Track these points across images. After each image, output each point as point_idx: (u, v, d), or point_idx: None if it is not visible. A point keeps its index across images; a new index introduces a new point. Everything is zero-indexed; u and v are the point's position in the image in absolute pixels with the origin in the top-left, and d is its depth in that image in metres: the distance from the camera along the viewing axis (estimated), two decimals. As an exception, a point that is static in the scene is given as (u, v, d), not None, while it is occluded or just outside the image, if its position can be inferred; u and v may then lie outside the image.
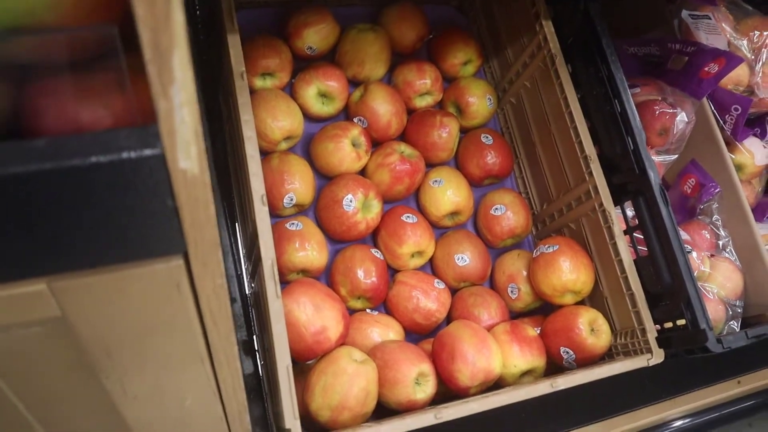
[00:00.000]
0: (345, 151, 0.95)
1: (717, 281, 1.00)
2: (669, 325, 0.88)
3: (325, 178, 1.00)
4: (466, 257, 0.98)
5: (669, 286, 0.85)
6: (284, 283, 0.88)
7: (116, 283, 0.43)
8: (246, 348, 0.95)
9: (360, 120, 1.02)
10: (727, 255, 1.02)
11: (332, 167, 0.97)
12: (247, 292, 0.97)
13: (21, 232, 0.37)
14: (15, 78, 0.38)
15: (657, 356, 0.84)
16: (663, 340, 0.85)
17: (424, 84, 1.06)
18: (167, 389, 0.59)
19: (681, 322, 0.86)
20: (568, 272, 0.91)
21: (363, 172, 1.01)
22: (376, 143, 1.03)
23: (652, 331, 0.86)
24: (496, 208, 1.02)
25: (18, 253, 0.39)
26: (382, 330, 0.90)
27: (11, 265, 0.39)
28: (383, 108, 1.01)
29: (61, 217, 0.37)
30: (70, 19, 0.34)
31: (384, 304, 0.97)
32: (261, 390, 0.93)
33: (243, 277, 0.97)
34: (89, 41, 0.36)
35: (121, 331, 0.48)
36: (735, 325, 1.00)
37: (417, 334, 0.96)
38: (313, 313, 0.78)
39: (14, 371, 0.52)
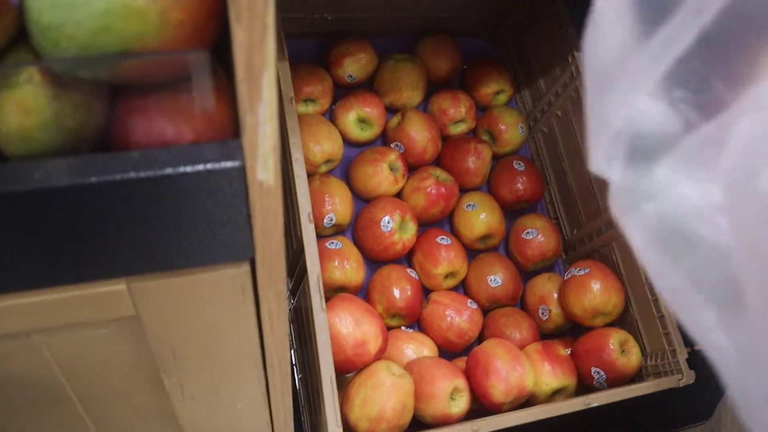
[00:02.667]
0: (383, 174, 1.00)
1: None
2: (701, 348, 0.89)
3: (363, 200, 1.04)
4: (498, 279, 1.01)
5: (699, 310, 0.87)
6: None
7: (189, 285, 0.47)
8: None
9: (397, 145, 1.06)
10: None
11: (370, 190, 1.01)
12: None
13: (109, 234, 0.41)
14: (111, 95, 0.42)
15: (687, 377, 0.86)
16: (695, 361, 0.87)
17: (458, 112, 1.10)
18: (222, 391, 0.62)
19: (711, 344, 0.87)
20: (599, 294, 0.94)
21: (399, 194, 1.05)
22: (413, 168, 1.07)
23: (682, 352, 0.88)
24: (528, 232, 1.05)
25: (104, 255, 0.42)
26: (417, 347, 0.93)
27: (97, 265, 0.43)
28: (420, 134, 1.05)
29: (147, 222, 0.41)
30: (171, 43, 0.38)
31: (418, 323, 1.00)
32: (297, 404, 0.96)
33: (282, 294, 1.01)
34: (182, 63, 0.40)
35: (188, 332, 0.52)
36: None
37: (450, 352, 0.99)
38: (354, 327, 0.82)
39: (79, 370, 0.55)
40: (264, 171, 0.40)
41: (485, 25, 1.23)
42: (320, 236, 0.99)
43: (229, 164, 0.39)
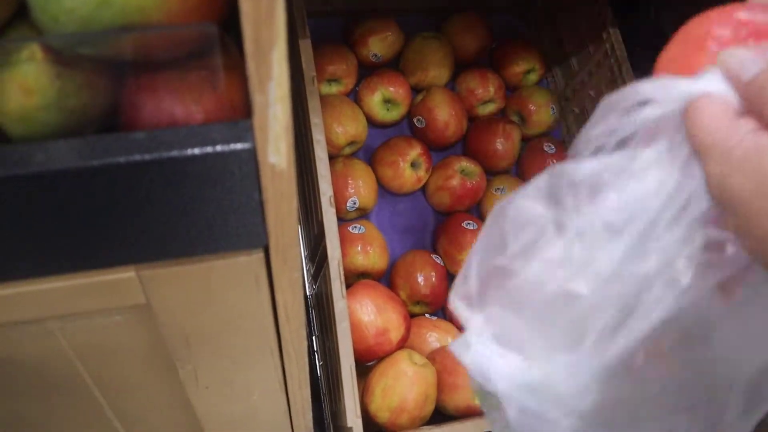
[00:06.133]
0: (405, 176, 0.98)
1: None
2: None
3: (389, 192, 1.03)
4: (526, 266, 0.98)
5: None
6: (346, 285, 0.89)
7: (200, 273, 0.45)
8: (305, 348, 0.97)
9: (419, 120, 1.03)
10: None
11: (395, 189, 1.01)
12: (307, 293, 0.98)
13: (115, 220, 0.39)
14: (116, 74, 0.40)
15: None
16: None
17: (486, 92, 1.07)
18: (237, 380, 0.60)
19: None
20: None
21: (424, 190, 1.03)
22: (435, 147, 1.04)
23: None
24: (558, 217, 1.01)
25: (111, 241, 0.41)
26: (441, 335, 0.91)
27: (104, 252, 0.41)
28: (442, 110, 1.02)
29: (154, 206, 0.39)
30: (176, 17, 0.36)
31: (443, 310, 0.98)
32: (318, 391, 0.95)
33: (304, 279, 0.99)
34: (189, 39, 0.38)
35: (201, 321, 0.50)
36: None
37: (475, 340, 0.96)
38: (376, 315, 0.79)
39: (95, 358, 0.54)
40: (276, 154, 0.38)
41: (516, 1, 1.19)
42: (343, 220, 0.97)
43: (238, 146, 0.37)
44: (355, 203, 0.94)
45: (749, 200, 0.31)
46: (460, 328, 0.94)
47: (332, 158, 0.97)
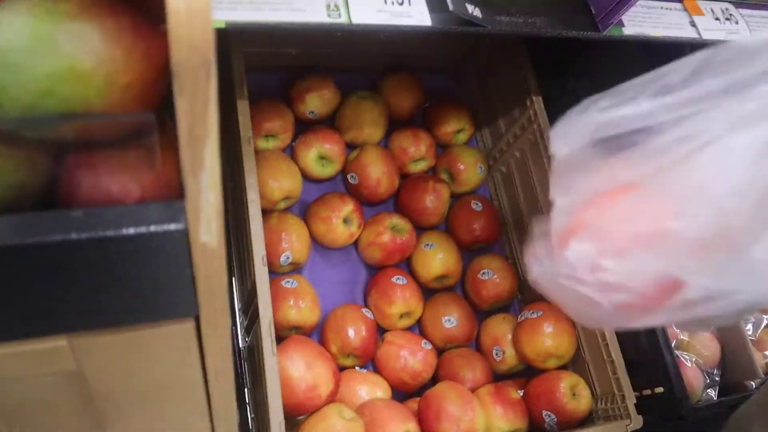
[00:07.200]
0: (337, 232, 1.00)
1: (695, 350, 1.04)
2: (648, 392, 0.91)
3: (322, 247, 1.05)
4: (453, 319, 1.01)
5: (647, 355, 0.89)
6: (278, 338, 0.91)
7: (132, 341, 0.46)
8: (237, 401, 0.97)
9: (352, 176, 1.07)
10: (704, 325, 1.07)
11: (327, 243, 1.03)
12: (240, 345, 0.99)
13: (49, 292, 0.41)
14: (57, 152, 0.42)
15: (635, 422, 0.87)
16: (642, 406, 0.88)
17: (418, 150, 1.11)
18: (167, 442, 0.61)
19: (659, 389, 0.89)
20: (551, 338, 0.95)
21: (356, 243, 1.06)
22: (367, 202, 1.07)
23: (631, 397, 0.89)
24: (484, 273, 1.06)
25: (45, 312, 0.42)
26: (370, 388, 0.93)
27: (37, 322, 0.43)
28: (375, 167, 1.05)
29: (89, 280, 0.41)
30: (117, 105, 0.38)
31: (373, 363, 1.00)
32: (250, 443, 0.95)
33: (237, 331, 1.00)
34: (128, 125, 0.40)
35: (132, 385, 0.51)
36: (713, 393, 1.04)
37: (404, 392, 0.98)
38: (306, 371, 0.81)
39: (22, 416, 0.54)
40: (207, 233, 0.40)
41: (449, 64, 1.25)
42: (276, 274, 0.98)
43: (172, 226, 0.39)
44: (288, 258, 0.96)
45: None
46: (389, 380, 0.96)
47: (267, 212, 0.99)
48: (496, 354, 1.02)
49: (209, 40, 0.32)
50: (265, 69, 1.12)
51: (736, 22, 0.87)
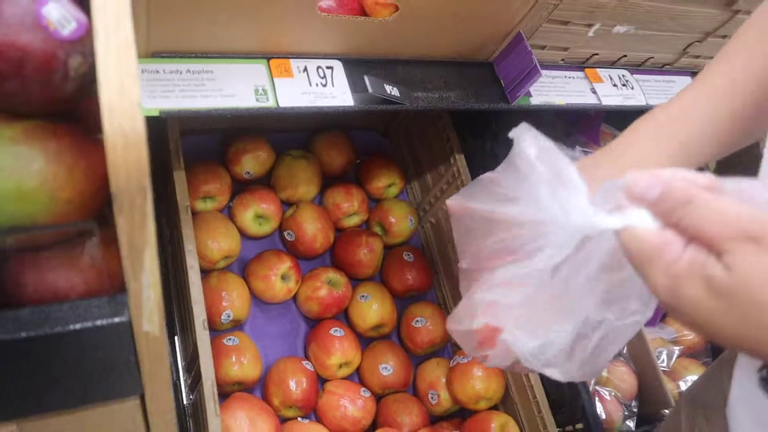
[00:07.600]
0: (276, 289, 1.05)
1: (613, 384, 1.11)
2: (570, 428, 0.98)
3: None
4: (390, 367, 1.07)
5: (567, 394, 0.96)
6: (221, 395, 0.94)
7: (81, 421, 0.50)
8: (182, 458, 1.00)
9: (289, 233, 1.12)
10: (622, 359, 1.15)
11: (267, 299, 1.08)
12: (185, 402, 1.02)
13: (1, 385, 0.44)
14: (2, 256, 0.46)
15: (560, 458, 0.94)
16: (566, 442, 0.95)
17: (351, 206, 1.18)
18: None
19: (579, 426, 0.96)
20: (480, 381, 1.01)
21: (295, 297, 1.11)
22: (304, 257, 1.13)
23: (555, 434, 0.96)
24: (417, 321, 1.12)
25: (-4, 401, 0.46)
26: (313, 438, 0.97)
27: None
28: (310, 224, 1.11)
29: (38, 372, 0.45)
30: (61, 216, 0.43)
31: (315, 412, 1.04)
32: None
33: (181, 388, 1.03)
34: (71, 232, 0.45)
35: (80, 462, 0.54)
36: (631, 423, 1.11)
37: (345, 440, 1.03)
38: (249, 427, 0.85)
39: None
40: (149, 323, 0.45)
41: (378, 122, 1.32)
42: (218, 332, 1.02)
43: (116, 320, 0.44)
44: (229, 316, 1.00)
45: (702, 302, 0.37)
46: (330, 429, 1.00)
47: (207, 272, 1.03)
48: (432, 397, 1.07)
49: (144, 168, 0.37)
50: (202, 131, 1.17)
51: (632, 88, 0.97)
